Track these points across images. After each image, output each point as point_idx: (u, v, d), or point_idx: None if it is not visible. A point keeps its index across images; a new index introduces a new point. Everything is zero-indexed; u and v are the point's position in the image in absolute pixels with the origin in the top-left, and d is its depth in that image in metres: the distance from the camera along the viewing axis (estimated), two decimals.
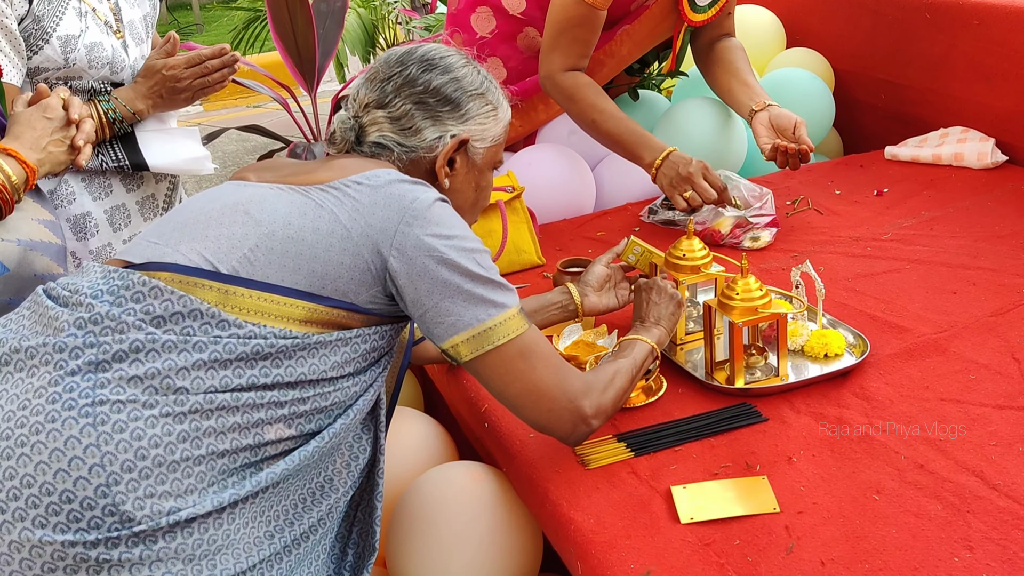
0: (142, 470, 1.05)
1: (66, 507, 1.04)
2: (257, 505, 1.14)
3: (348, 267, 1.18)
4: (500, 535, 1.43)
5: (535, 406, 1.23)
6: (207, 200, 1.27)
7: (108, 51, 1.74)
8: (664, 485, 1.29)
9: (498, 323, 1.20)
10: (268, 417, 1.14)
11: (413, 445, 1.64)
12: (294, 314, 1.16)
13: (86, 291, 1.14)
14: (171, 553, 1.06)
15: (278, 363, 1.15)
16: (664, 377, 1.53)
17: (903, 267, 1.84)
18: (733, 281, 1.47)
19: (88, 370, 1.08)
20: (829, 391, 1.46)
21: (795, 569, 1.12)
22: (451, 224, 1.22)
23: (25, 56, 1.66)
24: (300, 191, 1.22)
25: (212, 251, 1.17)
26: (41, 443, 1.05)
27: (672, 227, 2.16)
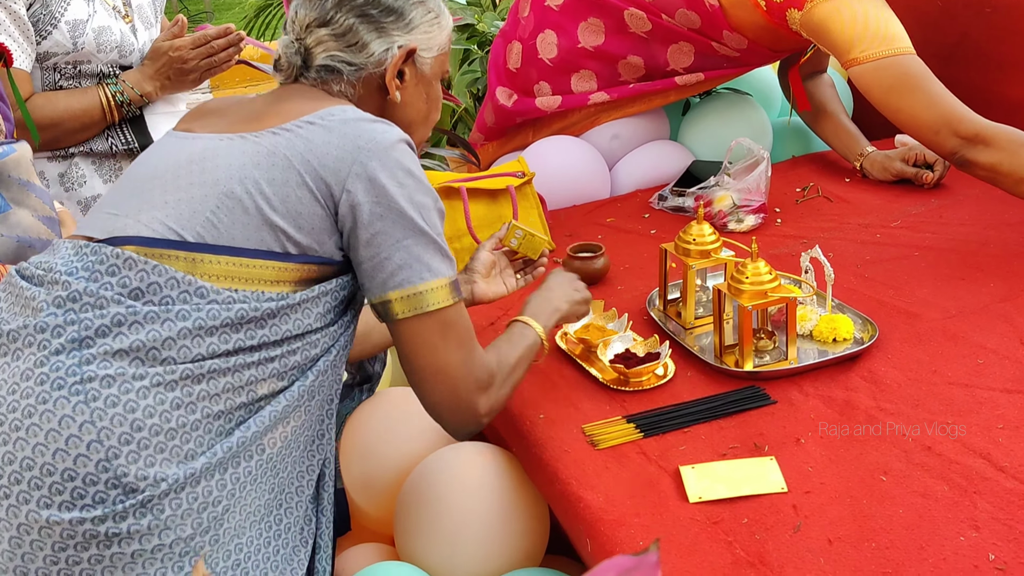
0: (140, 441, 1.06)
1: (69, 485, 1.04)
2: (257, 468, 1.15)
3: (307, 216, 1.16)
4: (508, 515, 1.45)
5: (435, 386, 1.22)
6: (157, 159, 1.24)
7: (116, 35, 1.75)
8: (673, 465, 1.30)
9: (432, 288, 1.18)
10: (259, 374, 1.15)
11: (421, 426, 1.65)
12: (265, 275, 1.15)
13: (60, 268, 1.13)
14: (178, 520, 1.08)
15: (263, 324, 1.14)
16: (673, 361, 1.54)
17: (912, 254, 1.85)
18: (743, 265, 1.48)
19: (72, 348, 1.08)
20: (837, 375, 1.47)
21: (802, 547, 1.13)
22: (408, 170, 1.19)
23: (34, 41, 1.67)
24: (252, 139, 1.19)
25: (175, 218, 1.15)
26: (36, 425, 1.05)
27: (682, 213, 2.17)
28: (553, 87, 2.38)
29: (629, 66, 2.31)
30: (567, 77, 2.35)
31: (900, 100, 1.91)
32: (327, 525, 1.31)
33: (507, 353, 1.32)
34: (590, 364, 1.57)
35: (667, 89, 2.33)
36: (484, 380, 1.24)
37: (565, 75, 2.35)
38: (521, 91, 2.42)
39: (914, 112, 1.89)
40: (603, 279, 1.89)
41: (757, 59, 2.27)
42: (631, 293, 1.83)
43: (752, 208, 2.04)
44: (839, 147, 2.30)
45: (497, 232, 1.58)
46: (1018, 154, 1.77)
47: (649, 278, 1.86)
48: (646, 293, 1.80)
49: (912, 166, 2.16)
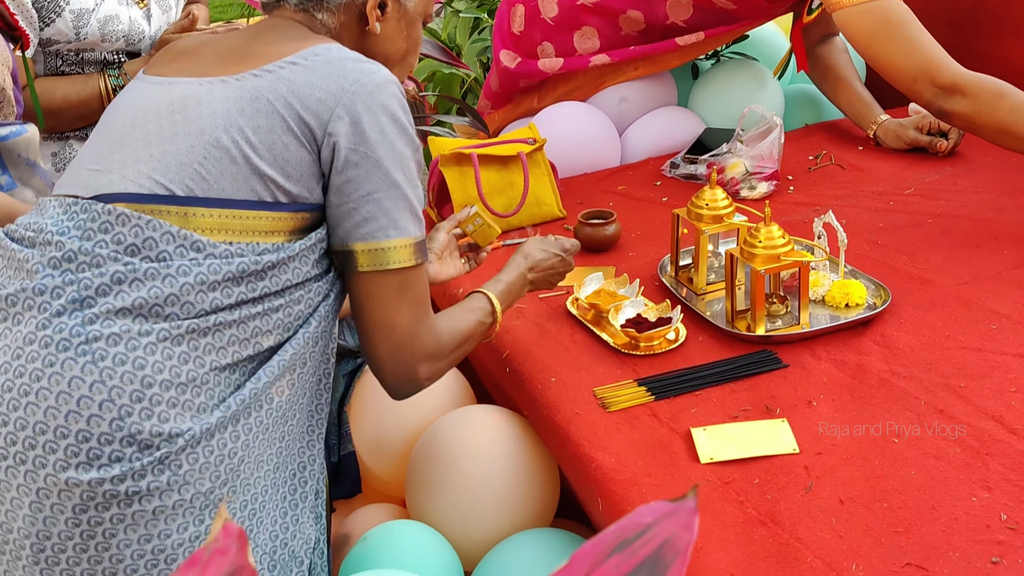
0: (152, 397, 1.05)
1: (84, 446, 1.04)
2: (268, 418, 1.15)
3: (295, 163, 1.14)
4: (519, 477, 1.45)
5: (381, 342, 1.19)
6: (135, 109, 1.20)
7: (124, 24, 1.73)
8: (684, 427, 1.30)
9: (396, 246, 1.16)
10: (264, 325, 1.14)
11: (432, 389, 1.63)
12: (259, 226, 1.13)
13: (51, 229, 1.10)
14: (197, 473, 1.08)
15: (263, 276, 1.13)
16: (684, 326, 1.54)
17: (926, 221, 1.84)
18: (756, 229, 1.47)
19: (74, 308, 1.06)
20: (850, 339, 1.47)
21: (814, 507, 1.13)
22: (393, 115, 1.16)
23: (37, 27, 1.66)
24: (234, 82, 1.15)
25: (162, 172, 1.12)
26: (45, 389, 1.04)
27: (694, 181, 2.16)
28: (556, 47, 2.37)
29: (629, 20, 2.30)
30: (569, 36, 2.34)
31: (881, 47, 1.88)
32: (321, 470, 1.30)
33: (458, 326, 1.29)
34: (601, 329, 1.57)
35: (669, 51, 2.31)
36: (430, 348, 1.22)
37: (567, 33, 2.34)
38: (525, 54, 2.42)
39: (893, 60, 1.87)
40: (614, 246, 1.88)
41: (753, 12, 2.24)
42: (642, 260, 1.82)
43: (765, 175, 2.03)
44: (853, 115, 2.28)
45: (457, 214, 1.54)
46: (995, 104, 1.75)
47: (661, 245, 1.85)
48: (657, 260, 1.79)
49: (926, 134, 2.14)
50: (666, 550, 0.50)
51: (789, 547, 1.08)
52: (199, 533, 1.10)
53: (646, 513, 0.54)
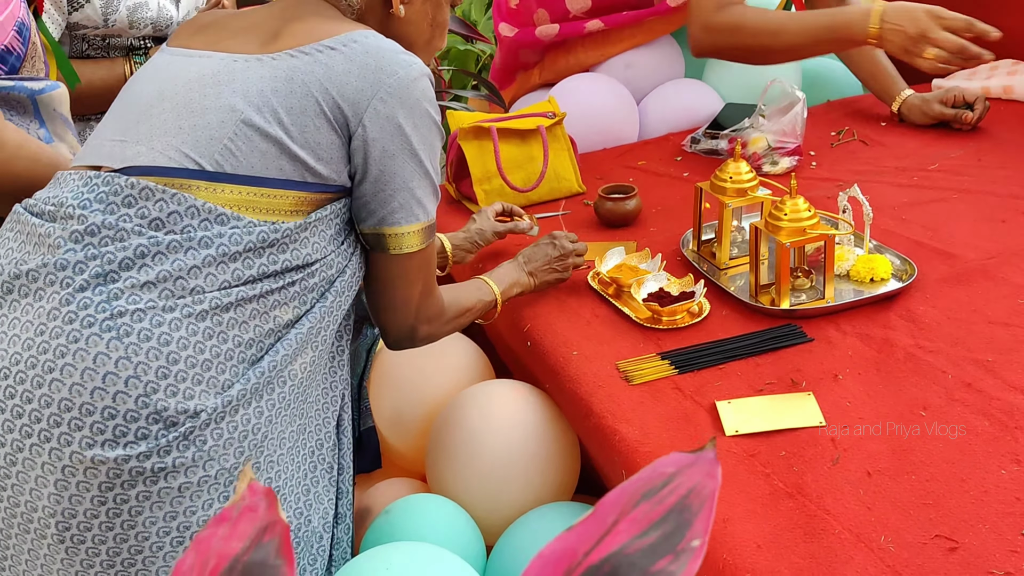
0: (177, 373, 1.05)
1: (110, 423, 1.02)
2: (290, 393, 1.16)
3: (325, 146, 1.15)
4: (540, 451, 1.45)
5: (393, 312, 1.28)
6: (162, 80, 1.19)
7: (152, 11, 1.71)
8: (708, 400, 1.30)
9: (419, 229, 1.22)
10: (282, 298, 1.14)
11: (452, 364, 1.66)
12: (283, 205, 1.14)
13: (72, 202, 1.09)
14: (221, 449, 1.08)
15: (284, 248, 1.13)
16: (707, 300, 1.53)
17: (951, 196, 1.82)
18: (781, 202, 1.46)
19: (97, 283, 1.05)
20: (875, 314, 1.45)
21: (841, 479, 1.13)
22: (425, 110, 1.19)
23: (65, 11, 1.64)
24: (269, 61, 1.15)
25: (191, 145, 1.11)
26: (70, 365, 1.03)
27: (715, 156, 2.14)
28: (551, 12, 2.37)
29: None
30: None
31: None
32: (348, 447, 1.32)
33: (460, 300, 1.40)
34: (622, 303, 1.56)
35: (663, 13, 2.31)
36: (431, 314, 1.31)
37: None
38: (522, 24, 2.42)
39: None
40: (635, 220, 1.87)
41: None
42: (664, 235, 1.81)
43: (787, 150, 2.01)
44: (876, 89, 2.24)
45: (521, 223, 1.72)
46: (735, 36, 1.95)
47: (682, 220, 1.84)
48: (679, 235, 1.78)
49: (951, 107, 2.11)
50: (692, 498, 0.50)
51: (816, 518, 1.07)
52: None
53: (667, 463, 0.54)
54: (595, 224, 1.90)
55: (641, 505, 0.51)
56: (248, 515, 0.55)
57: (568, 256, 1.60)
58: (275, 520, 0.54)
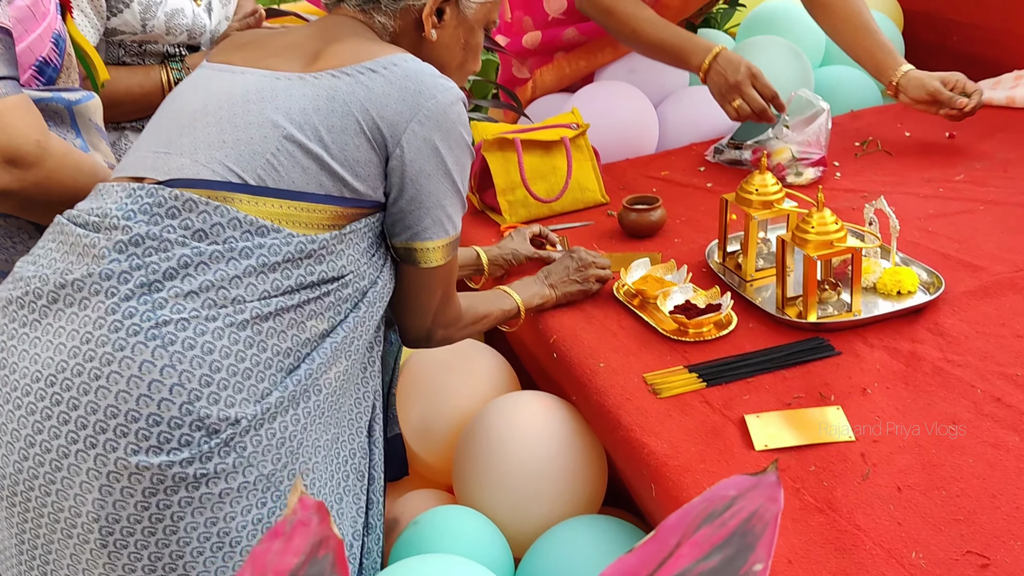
0: (219, 382, 1.07)
1: (155, 430, 1.04)
2: (324, 402, 1.17)
3: (364, 164, 1.18)
4: (568, 463, 1.46)
5: (414, 316, 1.33)
6: (204, 94, 1.22)
7: (188, 18, 1.73)
8: (737, 414, 1.30)
9: (436, 246, 1.26)
10: (318, 308, 1.17)
11: (478, 375, 1.67)
12: (321, 219, 1.17)
13: (116, 213, 1.11)
14: (260, 456, 1.10)
15: (320, 259, 1.17)
16: (734, 312, 1.53)
17: (977, 208, 1.81)
18: (808, 215, 1.46)
19: (142, 292, 1.07)
20: (903, 327, 1.45)
21: (871, 494, 1.13)
22: (460, 134, 1.23)
23: (104, 16, 1.66)
24: (311, 80, 1.18)
25: (234, 159, 1.14)
26: (116, 373, 1.05)
27: (738, 167, 2.14)
28: (534, 18, 2.43)
29: None
30: (539, 2, 2.41)
31: None
32: (379, 457, 1.34)
33: (478, 308, 1.45)
34: (648, 314, 1.57)
35: None
36: (449, 319, 1.36)
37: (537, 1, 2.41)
38: (514, 34, 2.49)
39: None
40: (660, 231, 1.88)
41: None
42: (689, 246, 1.81)
43: (811, 161, 2.01)
44: (872, 65, 2.16)
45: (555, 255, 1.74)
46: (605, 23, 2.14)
47: (706, 231, 1.85)
48: (703, 246, 1.78)
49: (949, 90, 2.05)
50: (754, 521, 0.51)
51: (847, 534, 1.07)
52: (262, 516, 1.11)
53: (729, 487, 0.54)
54: (619, 235, 1.90)
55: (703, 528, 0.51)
56: (301, 529, 0.56)
57: (588, 267, 1.62)
58: (328, 535, 0.55)
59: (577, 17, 2.39)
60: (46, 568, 1.11)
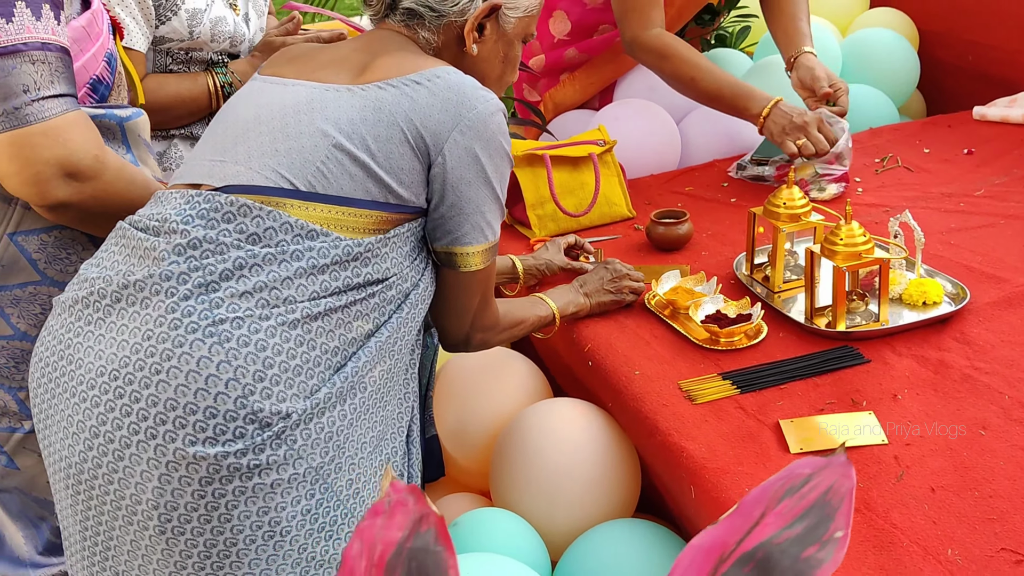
0: (272, 378, 1.12)
1: (211, 422, 1.10)
2: (369, 399, 1.22)
3: (408, 171, 1.23)
4: (604, 468, 1.50)
5: (450, 311, 1.37)
6: (258, 105, 1.28)
7: (230, 26, 1.80)
8: (772, 419, 1.34)
9: (485, 249, 1.31)
10: (364, 309, 1.22)
11: (513, 381, 1.71)
12: (366, 224, 1.22)
13: (175, 218, 1.17)
14: (309, 449, 1.15)
15: (366, 262, 1.22)
16: (764, 322, 1.58)
17: (998, 222, 1.86)
18: (837, 227, 1.51)
19: (200, 292, 1.13)
20: (930, 336, 1.49)
21: (906, 495, 1.17)
22: (500, 143, 1.28)
23: (153, 24, 1.73)
24: (359, 92, 1.24)
25: (287, 167, 1.20)
26: (175, 367, 1.10)
27: (761, 182, 2.19)
28: (541, 42, 2.50)
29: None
30: (545, 24, 2.48)
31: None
32: (417, 457, 1.38)
33: (515, 313, 1.50)
34: (679, 324, 1.61)
35: None
36: (487, 324, 1.41)
37: (543, 23, 2.48)
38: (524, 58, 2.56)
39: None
40: (687, 244, 1.92)
41: None
42: (716, 258, 1.86)
43: (834, 177, 2.05)
44: (782, 43, 2.24)
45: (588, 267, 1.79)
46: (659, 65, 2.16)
47: (732, 244, 1.89)
48: (730, 258, 1.83)
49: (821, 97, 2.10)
50: (831, 495, 0.55)
51: (885, 532, 1.11)
52: (311, 507, 1.16)
53: (804, 466, 0.59)
54: (646, 248, 1.95)
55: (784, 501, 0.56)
56: (400, 508, 0.60)
57: (622, 278, 1.67)
58: (428, 512, 0.59)
59: (578, 37, 2.46)
60: (108, 553, 1.16)
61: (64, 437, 1.15)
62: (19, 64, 1.15)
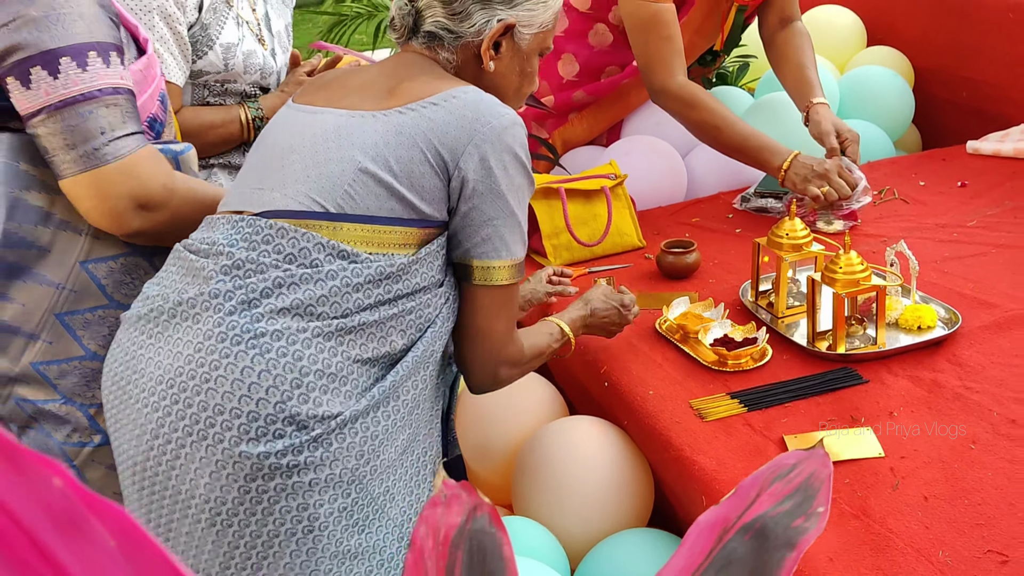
0: (308, 384, 1.22)
1: (254, 425, 1.21)
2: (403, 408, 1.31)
3: (429, 188, 1.31)
4: (619, 481, 1.60)
5: (477, 345, 1.39)
6: (290, 135, 1.37)
7: (260, 59, 1.94)
8: (776, 435, 1.44)
9: (506, 265, 1.35)
10: (397, 325, 1.31)
11: (532, 401, 1.81)
12: (394, 239, 1.31)
13: (222, 241, 1.29)
14: (345, 451, 1.25)
15: (398, 279, 1.30)
16: (769, 345, 1.68)
17: (989, 251, 1.97)
18: (837, 256, 1.62)
19: (243, 308, 1.24)
20: (924, 358, 1.60)
21: (901, 503, 1.27)
22: (515, 154, 1.32)
23: (190, 59, 1.86)
24: (382, 118, 1.32)
25: (317, 191, 1.30)
26: (222, 376, 1.22)
27: (765, 214, 2.31)
28: (549, 82, 2.62)
29: (597, 35, 2.52)
30: (554, 66, 2.60)
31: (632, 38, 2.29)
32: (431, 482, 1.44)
33: (534, 343, 1.50)
34: (689, 347, 1.72)
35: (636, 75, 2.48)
36: (513, 356, 1.42)
37: (552, 65, 2.60)
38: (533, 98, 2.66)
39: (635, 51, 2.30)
40: (695, 273, 2.03)
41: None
42: (722, 285, 1.97)
43: (843, 213, 2.15)
44: (794, 95, 2.34)
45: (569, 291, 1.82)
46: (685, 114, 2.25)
47: (738, 272, 2.00)
48: (736, 286, 1.94)
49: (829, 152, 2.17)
50: (813, 479, 0.66)
51: (881, 536, 1.21)
52: (346, 505, 1.26)
53: (788, 457, 0.70)
54: (656, 276, 2.06)
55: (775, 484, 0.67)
56: (456, 499, 0.71)
57: (624, 324, 1.70)
58: (480, 502, 0.70)
59: (586, 79, 2.58)
60: (168, 543, 1.27)
61: (131, 438, 1.26)
62: (95, 108, 1.26)
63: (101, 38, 1.30)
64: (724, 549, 0.65)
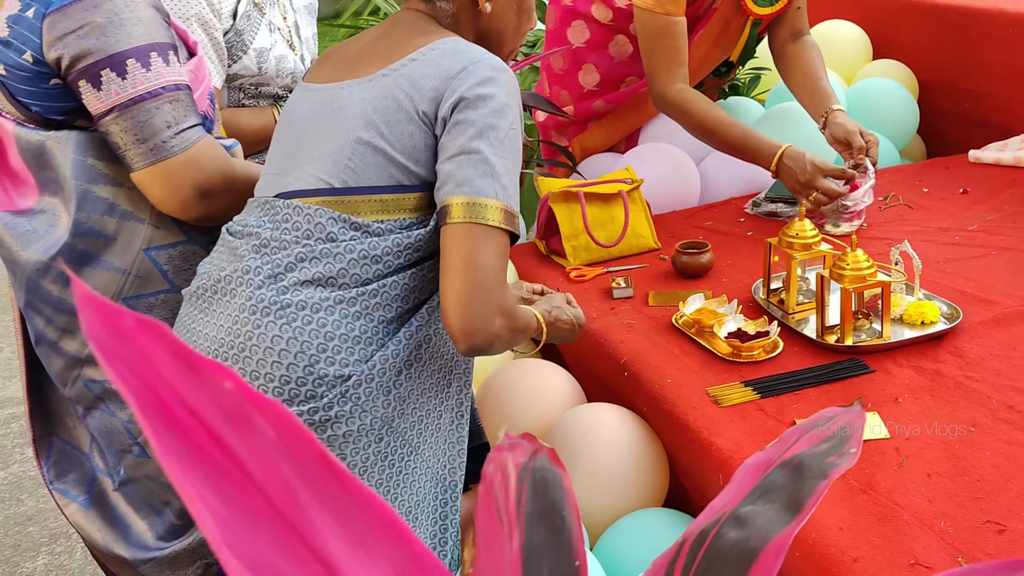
0: (334, 347, 1.32)
1: (287, 387, 1.31)
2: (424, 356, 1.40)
3: (421, 149, 1.35)
4: (637, 463, 1.69)
5: (465, 280, 1.27)
6: (299, 118, 1.44)
7: (291, 63, 2.05)
8: (789, 419, 1.54)
9: (495, 206, 1.29)
10: (420, 283, 1.39)
11: (553, 388, 1.91)
12: (404, 204, 1.37)
13: (252, 223, 1.40)
14: (371, 401, 1.34)
15: (417, 249, 1.37)
16: (781, 338, 1.78)
17: (990, 253, 2.06)
18: (844, 254, 1.71)
19: (270, 282, 1.34)
20: (927, 350, 1.69)
21: (906, 479, 1.36)
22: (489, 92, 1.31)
23: (226, 64, 1.97)
24: (367, 84, 1.38)
25: (323, 170, 1.37)
26: (255, 345, 1.33)
27: (775, 218, 2.40)
28: (570, 92, 2.73)
29: (617, 45, 2.62)
30: (575, 75, 2.71)
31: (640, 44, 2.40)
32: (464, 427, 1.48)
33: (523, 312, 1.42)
34: (705, 340, 1.81)
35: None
36: (507, 307, 1.32)
37: (573, 75, 2.71)
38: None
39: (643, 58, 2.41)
40: (709, 272, 2.13)
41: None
42: (734, 284, 2.07)
43: (849, 216, 2.25)
44: (809, 105, 2.40)
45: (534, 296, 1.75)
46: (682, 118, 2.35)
47: (749, 272, 2.10)
48: (748, 284, 2.03)
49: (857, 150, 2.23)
50: (849, 428, 0.76)
51: (887, 508, 1.31)
52: (380, 449, 1.35)
53: (828, 412, 0.80)
54: (672, 275, 2.16)
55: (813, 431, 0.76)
56: (518, 445, 0.80)
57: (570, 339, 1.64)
58: (540, 447, 0.80)
59: (606, 88, 2.70)
60: None
61: None
62: (161, 104, 1.37)
63: (159, 39, 1.41)
64: (764, 480, 0.74)
